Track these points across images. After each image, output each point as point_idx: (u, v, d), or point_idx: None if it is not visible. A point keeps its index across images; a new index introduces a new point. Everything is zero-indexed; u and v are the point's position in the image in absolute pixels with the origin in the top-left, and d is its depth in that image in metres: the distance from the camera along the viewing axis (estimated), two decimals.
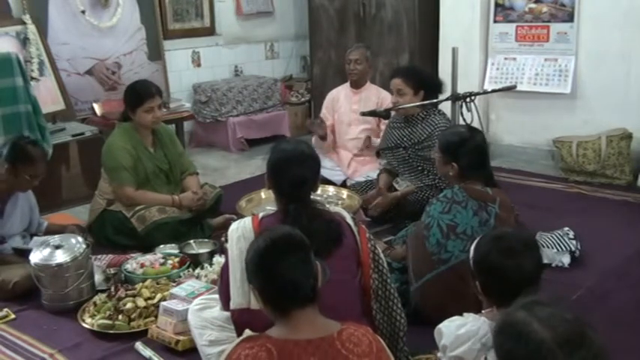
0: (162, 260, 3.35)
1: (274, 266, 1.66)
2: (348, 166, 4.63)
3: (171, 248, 3.54)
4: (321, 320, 1.69)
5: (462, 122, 3.45)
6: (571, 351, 1.28)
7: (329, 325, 1.68)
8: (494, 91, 4.13)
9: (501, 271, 1.94)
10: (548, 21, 5.06)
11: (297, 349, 1.60)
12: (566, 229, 3.53)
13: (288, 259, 1.66)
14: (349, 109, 4.69)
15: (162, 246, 3.56)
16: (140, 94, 3.73)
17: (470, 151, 2.76)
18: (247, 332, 1.72)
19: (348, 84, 4.80)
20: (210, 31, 6.23)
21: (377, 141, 4.50)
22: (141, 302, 2.90)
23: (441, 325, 2.02)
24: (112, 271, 3.29)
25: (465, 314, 2.02)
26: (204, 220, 3.88)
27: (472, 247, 2.07)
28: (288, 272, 1.65)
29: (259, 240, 1.74)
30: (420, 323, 2.52)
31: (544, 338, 1.30)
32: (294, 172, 2.21)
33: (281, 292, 1.65)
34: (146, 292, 2.97)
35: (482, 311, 2.02)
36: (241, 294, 2.10)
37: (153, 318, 2.83)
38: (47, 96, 4.73)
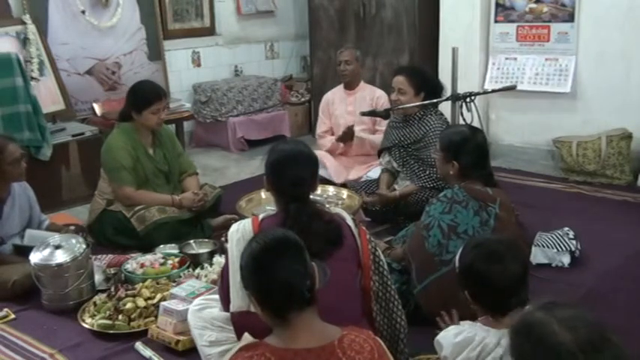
0: (162, 260, 3.35)
1: (269, 268, 1.63)
2: (344, 168, 4.63)
3: (171, 248, 3.54)
4: (321, 326, 1.66)
5: (462, 122, 3.45)
6: (592, 354, 1.26)
7: (329, 332, 1.65)
8: (494, 91, 4.14)
9: (488, 278, 1.93)
10: (549, 21, 5.06)
11: (297, 358, 1.57)
12: (566, 229, 3.53)
13: (282, 260, 1.63)
14: (344, 111, 4.70)
15: (162, 246, 3.56)
16: (149, 95, 3.72)
17: (471, 150, 2.76)
18: (246, 337, 1.71)
19: (342, 86, 4.80)
20: (210, 31, 6.23)
21: (361, 133, 4.53)
22: (141, 302, 2.90)
23: (439, 337, 2.02)
24: (112, 271, 3.29)
25: (461, 322, 2.02)
26: (204, 220, 3.88)
27: (456, 259, 2.06)
28: (283, 273, 1.62)
29: (252, 243, 1.71)
30: (420, 323, 2.52)
31: (564, 340, 1.28)
32: (293, 171, 2.21)
33: (277, 295, 1.62)
34: (146, 292, 2.97)
35: (479, 318, 2.02)
36: (241, 297, 2.10)
37: (153, 318, 2.83)
38: (47, 96, 4.73)
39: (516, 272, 1.93)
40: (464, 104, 3.50)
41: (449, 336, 1.98)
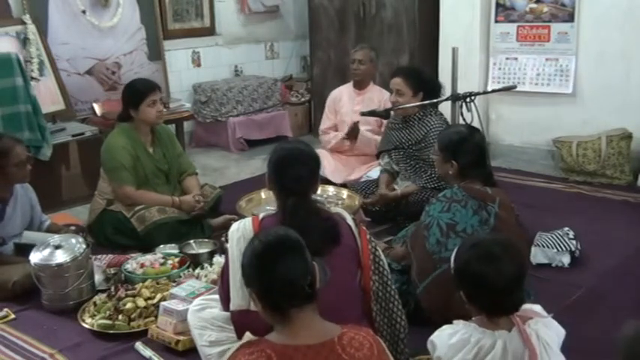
0: (162, 260, 3.35)
1: (270, 266, 1.66)
2: (345, 168, 4.63)
3: (171, 248, 3.54)
4: (321, 324, 1.68)
5: (461, 122, 3.46)
6: None
7: (329, 329, 1.67)
8: (494, 91, 4.14)
9: (483, 279, 1.91)
10: (549, 21, 5.06)
11: (297, 354, 1.59)
12: (566, 229, 3.53)
13: (283, 258, 1.66)
14: (351, 110, 4.68)
15: (162, 246, 3.56)
16: (141, 89, 3.75)
17: (470, 150, 2.76)
18: (247, 335, 1.72)
19: (351, 84, 4.79)
20: (210, 31, 6.23)
21: (366, 133, 4.53)
22: (141, 302, 2.90)
23: (432, 337, 2.01)
24: (112, 271, 3.29)
25: (454, 322, 2.00)
26: (204, 220, 3.88)
27: (452, 258, 2.05)
28: (284, 270, 1.64)
29: (254, 242, 1.74)
30: (421, 323, 2.52)
31: None
32: (294, 170, 2.23)
33: (278, 291, 1.64)
34: (146, 292, 2.97)
35: (473, 318, 2.00)
36: (241, 295, 2.11)
37: (153, 318, 2.83)
38: (47, 96, 4.73)
39: (512, 273, 1.91)
40: (464, 104, 3.50)
41: (443, 336, 1.97)
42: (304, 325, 1.64)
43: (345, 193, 3.85)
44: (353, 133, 4.56)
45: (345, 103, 4.74)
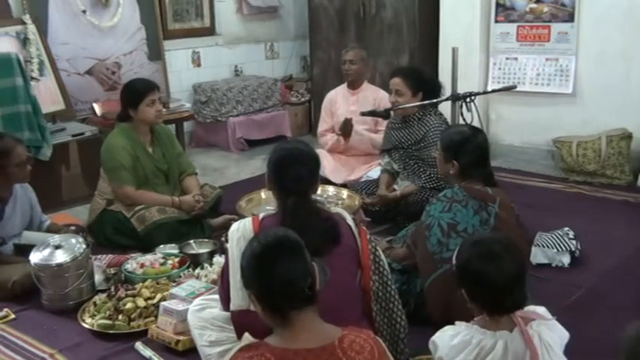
0: (162, 260, 3.35)
1: (270, 267, 1.64)
2: (345, 169, 4.63)
3: (171, 248, 3.54)
4: (321, 326, 1.67)
5: (462, 122, 3.46)
6: None
7: (329, 332, 1.66)
8: (494, 91, 4.14)
9: (484, 277, 1.91)
10: (549, 21, 5.06)
11: (297, 358, 1.58)
12: (566, 229, 3.53)
13: (283, 259, 1.65)
14: (347, 110, 4.69)
15: (162, 246, 3.56)
16: (140, 88, 3.75)
17: (471, 150, 2.76)
18: (247, 337, 1.71)
19: (345, 85, 4.81)
20: (210, 31, 6.23)
21: (361, 130, 4.55)
22: (141, 302, 2.90)
23: (434, 337, 2.01)
24: (112, 271, 3.29)
25: (457, 322, 2.00)
26: (204, 220, 3.88)
27: (454, 256, 2.06)
28: (283, 272, 1.63)
29: (253, 243, 1.72)
30: (421, 323, 2.52)
31: None
32: (294, 170, 2.23)
33: (278, 293, 1.63)
34: (146, 292, 2.97)
35: (475, 318, 2.00)
36: (241, 296, 2.11)
37: (153, 318, 2.83)
38: (47, 96, 4.73)
39: (513, 272, 1.92)
40: (464, 104, 3.50)
41: (445, 337, 1.97)
42: (304, 328, 1.63)
43: (345, 193, 3.85)
44: (346, 128, 4.57)
45: (341, 105, 4.75)
